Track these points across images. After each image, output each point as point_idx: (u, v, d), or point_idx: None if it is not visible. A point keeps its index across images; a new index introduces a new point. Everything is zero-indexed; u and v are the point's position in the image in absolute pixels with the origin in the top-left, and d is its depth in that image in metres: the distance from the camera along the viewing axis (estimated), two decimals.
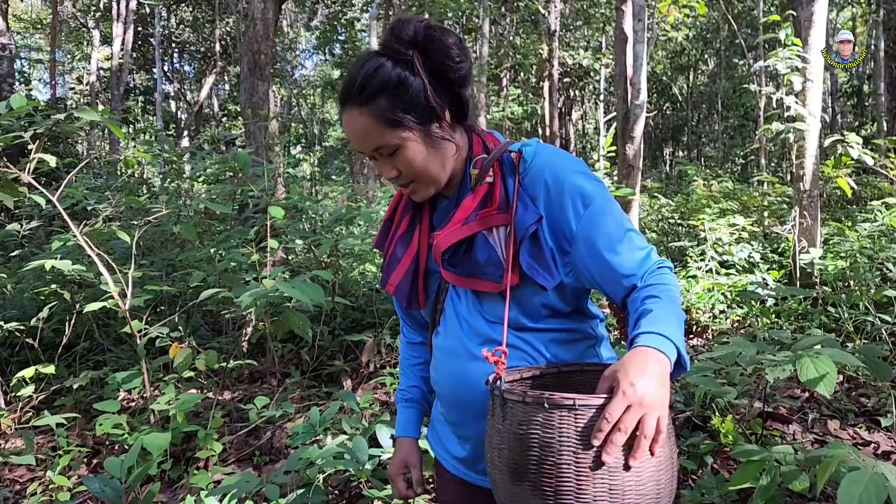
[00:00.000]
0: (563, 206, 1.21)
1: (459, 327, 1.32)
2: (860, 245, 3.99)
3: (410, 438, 1.55)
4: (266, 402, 3.58)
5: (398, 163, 1.23)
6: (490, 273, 1.24)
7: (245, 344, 4.63)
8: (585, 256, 1.22)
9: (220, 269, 3.91)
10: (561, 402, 0.95)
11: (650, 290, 1.17)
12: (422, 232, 1.38)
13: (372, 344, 4.21)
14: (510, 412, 1.01)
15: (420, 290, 1.38)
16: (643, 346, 1.00)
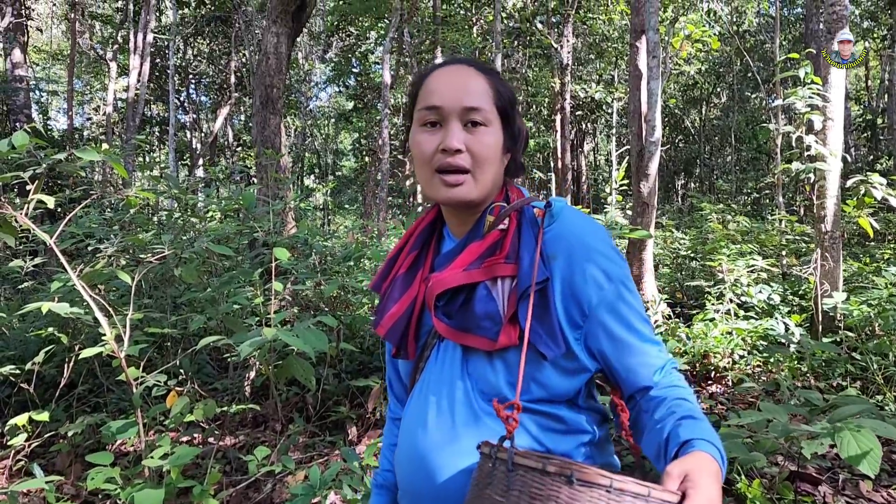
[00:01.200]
0: (586, 275, 1.10)
1: (435, 393, 1.17)
2: (889, 292, 3.82)
3: None
4: (267, 454, 3.43)
5: (474, 140, 1.13)
6: (485, 328, 1.10)
7: (248, 387, 4.49)
8: (600, 335, 1.11)
9: (223, 312, 3.78)
10: (595, 480, 0.80)
11: (678, 391, 1.08)
12: (423, 275, 1.24)
13: (378, 390, 4.06)
14: (520, 483, 0.85)
15: (411, 339, 1.23)
16: (708, 454, 0.91)
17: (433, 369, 1.20)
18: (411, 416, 1.21)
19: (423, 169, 1.16)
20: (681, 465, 0.87)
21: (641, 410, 1.11)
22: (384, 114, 13.95)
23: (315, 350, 3.12)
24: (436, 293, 1.15)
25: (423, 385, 1.21)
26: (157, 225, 6.32)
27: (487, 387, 1.13)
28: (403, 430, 1.23)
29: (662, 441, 0.99)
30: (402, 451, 1.22)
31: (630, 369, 1.12)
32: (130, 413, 3.65)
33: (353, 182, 26.45)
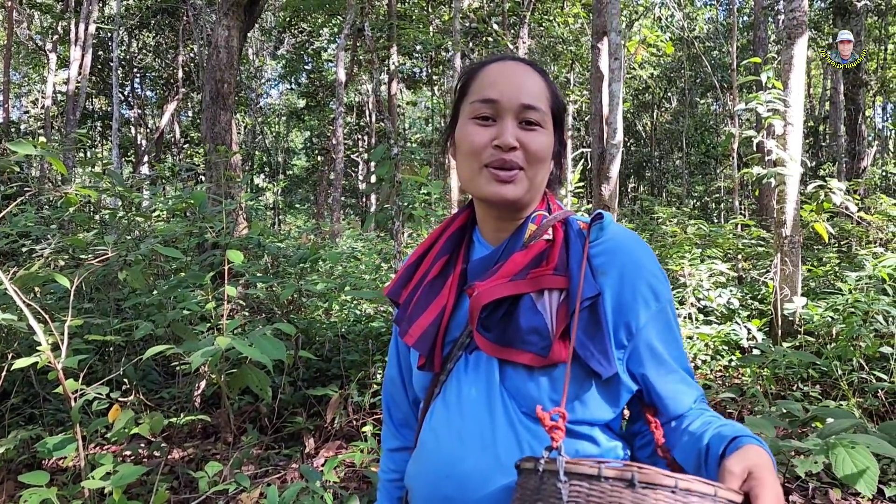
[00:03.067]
0: (636, 293, 1.04)
1: (468, 408, 1.07)
2: (854, 298, 3.83)
3: None
4: (219, 469, 3.22)
5: (529, 138, 1.07)
6: (532, 342, 1.02)
7: (198, 396, 4.25)
8: (645, 356, 1.05)
9: (172, 318, 3.55)
10: (659, 481, 0.75)
11: (712, 414, 1.04)
12: (453, 282, 1.16)
13: (337, 399, 3.89)
14: (575, 493, 0.78)
15: (438, 350, 1.13)
16: (761, 447, 0.89)
17: (463, 382, 1.11)
18: (440, 432, 1.10)
19: (471, 162, 1.09)
20: (740, 461, 0.83)
21: (674, 431, 1.05)
22: (338, 112, 13.69)
23: (272, 360, 2.94)
24: (483, 303, 1.06)
25: (451, 399, 1.11)
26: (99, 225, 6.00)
27: (528, 403, 1.04)
28: (429, 447, 1.12)
29: (703, 447, 0.94)
30: (429, 468, 1.10)
31: (669, 395, 1.06)
32: (69, 426, 3.39)
33: (304, 181, 26.03)
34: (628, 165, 24.03)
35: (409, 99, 22.12)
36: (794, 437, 2.31)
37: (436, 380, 1.15)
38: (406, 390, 1.31)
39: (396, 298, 1.23)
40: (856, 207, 4.73)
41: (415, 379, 1.21)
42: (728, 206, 14.52)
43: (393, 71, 15.78)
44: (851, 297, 3.86)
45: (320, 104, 21.03)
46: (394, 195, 4.45)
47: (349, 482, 3.41)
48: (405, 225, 4.88)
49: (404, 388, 1.31)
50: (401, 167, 4.62)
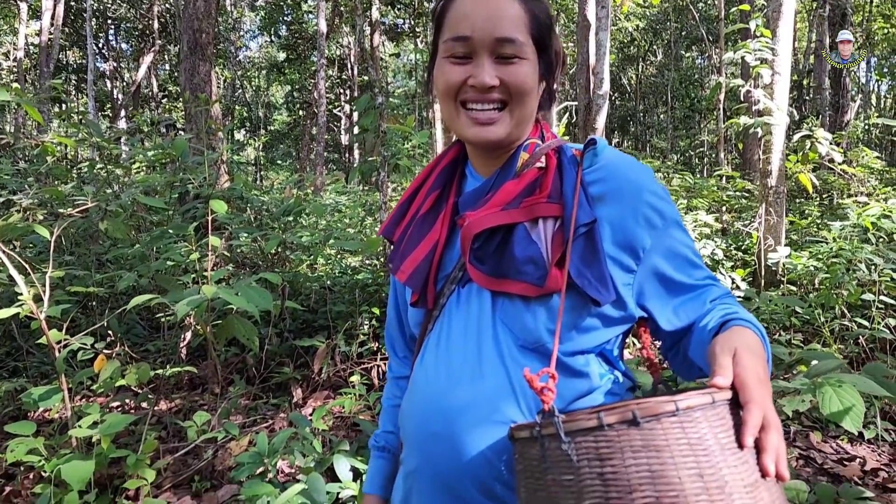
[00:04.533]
0: (637, 216, 1.01)
1: (459, 343, 1.06)
2: (838, 246, 3.85)
3: (375, 497, 1.27)
4: (207, 418, 3.22)
5: (508, 72, 1.01)
6: (527, 272, 1.00)
7: (184, 348, 4.23)
8: (655, 279, 1.04)
9: (155, 269, 3.51)
10: (660, 410, 0.72)
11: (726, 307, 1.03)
12: (445, 216, 1.13)
13: (324, 350, 3.89)
14: (584, 451, 0.74)
15: (431, 285, 1.12)
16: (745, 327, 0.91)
17: (454, 317, 1.09)
18: (430, 368, 1.09)
19: (448, 103, 1.06)
20: (722, 348, 0.83)
21: (692, 336, 1.03)
22: (320, 65, 13.43)
23: (259, 310, 2.91)
24: (474, 233, 1.03)
25: (443, 334, 1.10)
26: (76, 178, 5.88)
27: (525, 334, 1.02)
28: (419, 384, 1.11)
29: (706, 339, 0.95)
30: (417, 405, 1.09)
31: (684, 309, 1.05)
32: (54, 378, 3.36)
33: (286, 137, 25.64)
34: (613, 120, 23.90)
35: (391, 51, 21.73)
36: (779, 379, 2.33)
37: (429, 316, 1.14)
38: (404, 328, 1.30)
39: (390, 237, 1.21)
40: (841, 157, 4.73)
41: (409, 315, 1.20)
42: (712, 161, 14.53)
43: (375, 21, 15.46)
44: (836, 245, 3.89)
45: (301, 57, 20.60)
46: (378, 145, 4.38)
47: (338, 431, 3.43)
48: (390, 176, 4.83)
49: (402, 326, 1.30)
50: (385, 117, 4.54)
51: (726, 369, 0.79)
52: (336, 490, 2.21)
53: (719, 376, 0.78)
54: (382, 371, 3.73)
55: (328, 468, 2.42)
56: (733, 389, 0.77)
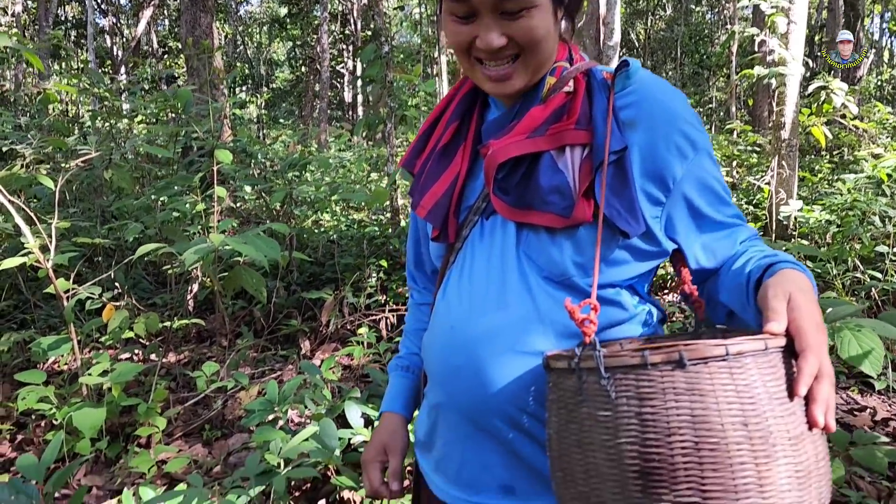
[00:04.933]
0: (670, 144, 0.95)
1: (482, 274, 1.02)
2: (853, 198, 3.79)
3: (397, 416, 1.21)
4: (216, 369, 3.22)
5: (517, 28, 0.93)
6: (553, 203, 0.95)
7: (191, 301, 4.23)
8: (685, 212, 0.99)
9: (161, 220, 3.47)
10: (709, 353, 0.68)
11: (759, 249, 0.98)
12: (466, 147, 1.08)
13: (332, 302, 3.87)
14: (623, 386, 0.71)
15: (452, 218, 1.07)
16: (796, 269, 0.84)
17: (477, 249, 1.05)
18: (452, 300, 1.05)
19: (461, 58, 1.01)
20: (777, 293, 0.78)
21: (721, 277, 0.99)
22: (322, 18, 13.19)
23: (267, 260, 2.89)
24: (498, 163, 0.97)
25: (465, 266, 1.05)
26: (79, 132, 5.80)
27: (550, 266, 0.98)
28: (441, 316, 1.07)
29: (744, 282, 0.89)
30: (439, 337, 1.06)
31: (713, 248, 1.01)
32: (62, 330, 3.35)
33: (288, 94, 25.36)
34: None
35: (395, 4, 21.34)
36: None
37: (451, 248, 1.10)
38: (423, 260, 1.27)
39: (411, 169, 1.16)
40: (856, 109, 4.63)
41: (431, 249, 1.16)
42: (720, 118, 14.33)
43: None
44: (851, 197, 3.83)
45: (303, 11, 20.23)
46: (385, 96, 4.30)
47: (347, 382, 3.43)
48: (397, 129, 4.75)
49: (422, 259, 1.27)
50: (392, 67, 4.45)
51: (780, 315, 0.75)
52: (347, 436, 2.20)
53: (773, 322, 0.74)
54: (391, 323, 3.72)
55: (339, 416, 2.41)
56: (788, 336, 0.73)
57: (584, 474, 0.74)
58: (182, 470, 2.53)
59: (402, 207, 5.39)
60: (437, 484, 1.10)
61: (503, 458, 0.99)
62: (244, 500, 1.68)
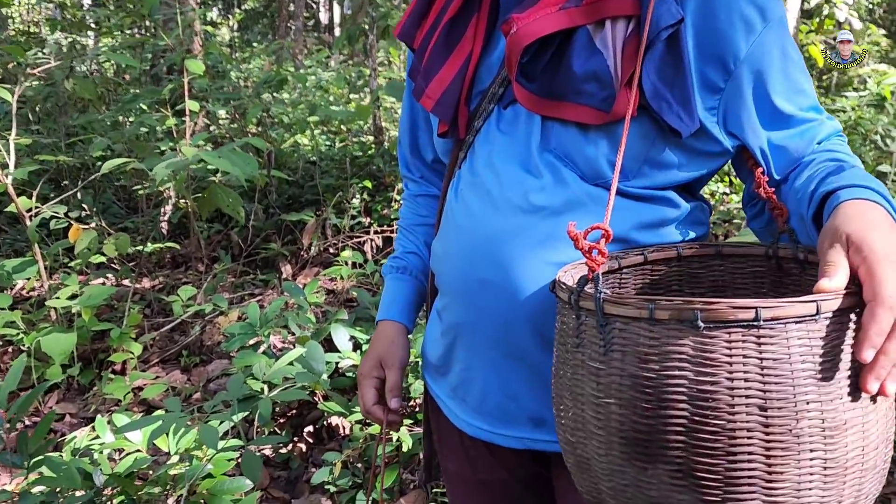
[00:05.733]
0: (732, 14, 0.77)
1: (501, 173, 0.85)
2: (858, 115, 3.65)
3: (394, 324, 1.05)
4: (192, 293, 3.07)
5: None
6: (590, 93, 0.78)
7: (165, 224, 4.03)
8: (748, 101, 0.79)
9: (129, 136, 3.25)
10: (733, 317, 0.53)
11: (832, 154, 0.79)
12: (480, 21, 0.88)
13: (314, 224, 3.70)
14: (620, 341, 0.59)
15: (463, 108, 0.90)
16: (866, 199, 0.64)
17: (496, 143, 0.87)
18: (471, 204, 0.88)
19: None
20: (833, 240, 0.60)
21: (787, 190, 0.81)
22: None
23: (244, 176, 2.70)
24: (525, 44, 0.79)
25: (482, 163, 0.88)
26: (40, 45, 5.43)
27: (584, 165, 0.82)
28: (457, 223, 0.90)
29: (805, 210, 0.72)
30: (458, 247, 0.89)
31: (784, 149, 0.82)
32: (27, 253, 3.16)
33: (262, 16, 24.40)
34: None
35: None
36: None
37: (461, 144, 0.93)
38: (420, 150, 1.09)
39: (410, 41, 0.97)
40: (859, 24, 4.45)
41: (436, 143, 0.99)
42: None
43: None
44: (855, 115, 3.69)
45: None
46: (366, 4, 4.02)
47: (332, 307, 3.30)
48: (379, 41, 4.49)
49: (418, 148, 1.09)
50: None
51: (836, 268, 0.57)
52: (335, 360, 2.08)
53: (825, 278, 0.57)
54: (377, 245, 3.57)
55: (325, 340, 2.29)
56: (857, 290, 0.56)
57: (573, 423, 0.65)
58: (159, 397, 2.40)
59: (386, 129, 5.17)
60: (454, 412, 0.95)
61: (532, 385, 0.85)
62: (227, 425, 1.56)
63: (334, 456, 1.90)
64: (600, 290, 0.60)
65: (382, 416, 1.00)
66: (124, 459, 1.70)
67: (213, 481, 1.63)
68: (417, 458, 1.97)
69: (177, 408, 1.46)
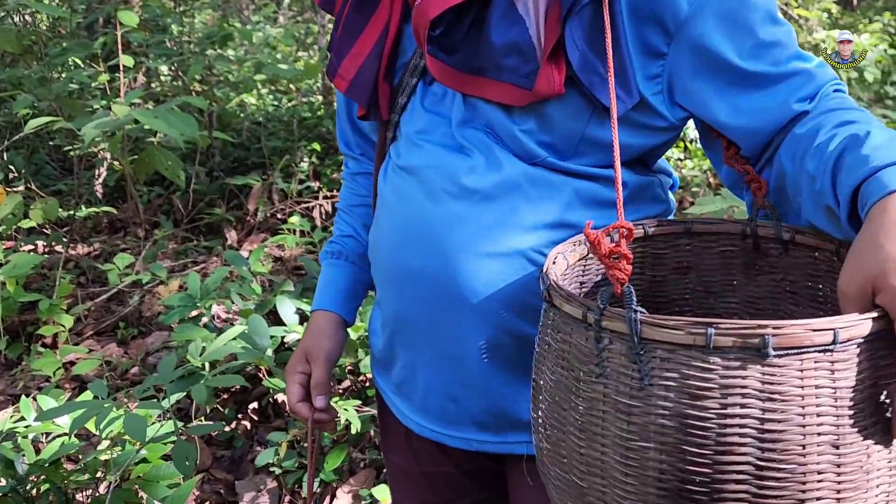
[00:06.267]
0: None
1: (425, 160, 0.77)
2: None
3: (326, 314, 0.96)
4: (130, 261, 2.90)
5: None
6: (510, 67, 0.69)
7: (100, 187, 3.81)
8: (696, 65, 0.70)
9: (57, 93, 3.03)
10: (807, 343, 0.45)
11: (840, 114, 0.64)
12: None
13: (260, 188, 3.54)
14: (664, 371, 0.48)
15: (383, 87, 0.80)
16: None
17: (420, 122, 0.79)
18: (400, 186, 0.80)
19: None
20: (852, 269, 0.50)
21: (779, 164, 0.70)
22: None
23: (184, 137, 2.53)
24: (431, 16, 0.69)
25: (411, 142, 0.79)
26: None
27: (512, 143, 0.73)
28: (389, 207, 0.82)
29: (837, 208, 0.58)
30: (390, 235, 0.81)
31: (756, 112, 0.70)
32: None
33: None
34: None
35: None
36: None
37: (386, 124, 0.84)
38: (355, 133, 0.99)
39: (330, 9, 0.87)
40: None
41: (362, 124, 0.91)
42: None
43: None
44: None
45: None
46: None
47: (278, 275, 3.17)
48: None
49: (355, 130, 0.99)
50: None
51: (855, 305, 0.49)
52: (280, 334, 1.97)
53: None
54: (325, 211, 3.44)
55: (270, 312, 2.18)
56: (884, 316, 0.48)
57: (584, 467, 0.54)
58: (93, 372, 2.26)
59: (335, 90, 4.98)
60: (399, 409, 0.88)
61: (471, 390, 0.78)
62: (157, 411, 1.45)
63: (280, 436, 1.81)
64: (635, 308, 0.49)
65: (308, 415, 0.90)
66: (51, 444, 1.58)
67: (147, 466, 1.53)
68: (368, 435, 1.89)
69: (103, 392, 1.34)
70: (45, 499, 1.52)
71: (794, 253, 0.71)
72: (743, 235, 0.72)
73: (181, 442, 1.17)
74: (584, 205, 0.74)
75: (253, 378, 2.19)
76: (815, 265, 0.70)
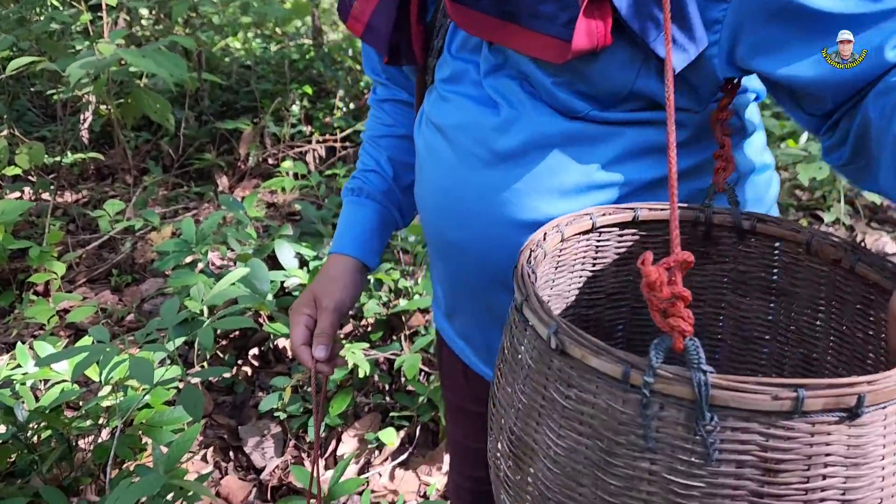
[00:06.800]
0: None
1: (452, 117, 0.70)
2: None
3: (343, 259, 0.89)
4: (121, 207, 2.84)
5: None
6: (546, 15, 0.59)
7: (86, 133, 3.71)
8: (774, 9, 0.57)
9: (37, 33, 2.91)
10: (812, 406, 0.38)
11: None
12: None
13: (251, 132, 3.46)
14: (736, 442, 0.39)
15: (415, 33, 0.72)
16: None
17: (447, 70, 0.72)
18: (436, 145, 0.73)
19: None
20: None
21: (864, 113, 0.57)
22: None
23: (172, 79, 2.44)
24: None
25: (445, 93, 0.72)
26: None
27: (552, 100, 0.66)
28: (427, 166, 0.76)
29: None
30: (430, 201, 0.76)
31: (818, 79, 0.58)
32: None
33: None
34: None
35: None
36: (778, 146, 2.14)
37: (424, 64, 0.77)
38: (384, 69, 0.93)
39: None
40: None
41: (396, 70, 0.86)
42: None
43: None
44: None
45: None
46: None
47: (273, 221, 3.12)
48: None
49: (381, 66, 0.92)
50: None
51: None
52: (280, 278, 1.94)
53: None
54: (319, 156, 3.36)
55: (268, 257, 2.13)
56: None
57: None
58: (88, 319, 2.22)
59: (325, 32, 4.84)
60: (465, 352, 0.87)
61: None
62: (161, 354, 1.42)
63: (283, 381, 1.79)
64: (704, 368, 0.38)
65: (309, 360, 0.84)
66: (50, 391, 1.55)
67: (151, 412, 1.51)
68: (372, 380, 1.87)
69: (104, 336, 1.30)
70: (46, 445, 1.49)
71: (751, 242, 0.66)
72: (695, 223, 0.66)
73: (189, 386, 1.14)
74: (634, 156, 0.67)
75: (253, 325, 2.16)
76: (771, 255, 0.65)
